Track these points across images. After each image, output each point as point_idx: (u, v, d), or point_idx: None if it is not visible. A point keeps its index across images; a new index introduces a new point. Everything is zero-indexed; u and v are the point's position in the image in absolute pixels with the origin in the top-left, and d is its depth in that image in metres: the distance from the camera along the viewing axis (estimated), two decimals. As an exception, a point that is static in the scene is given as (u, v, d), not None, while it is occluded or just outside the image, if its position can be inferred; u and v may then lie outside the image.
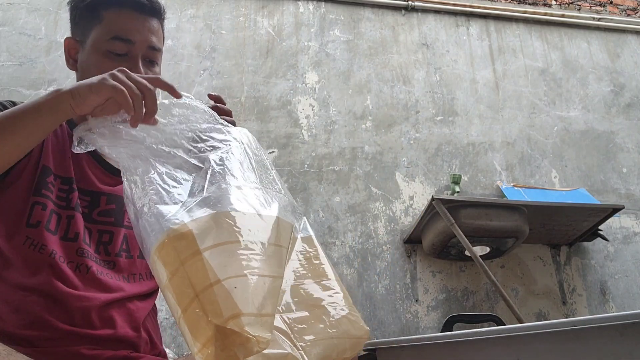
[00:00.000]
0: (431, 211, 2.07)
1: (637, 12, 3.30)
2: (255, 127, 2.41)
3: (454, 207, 2.00)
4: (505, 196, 2.38)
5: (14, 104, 0.80)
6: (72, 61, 0.89)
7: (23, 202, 0.78)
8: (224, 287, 0.49)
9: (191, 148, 0.67)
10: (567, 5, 3.20)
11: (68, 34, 0.94)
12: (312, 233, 0.70)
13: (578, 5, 3.22)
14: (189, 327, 0.49)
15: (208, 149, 0.66)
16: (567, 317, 2.18)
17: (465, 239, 1.92)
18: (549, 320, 0.62)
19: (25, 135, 0.66)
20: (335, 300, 0.63)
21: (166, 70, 2.42)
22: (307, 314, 0.59)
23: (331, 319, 0.60)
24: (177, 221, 0.54)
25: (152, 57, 0.90)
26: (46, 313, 0.73)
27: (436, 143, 2.57)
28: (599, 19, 3.13)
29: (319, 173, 2.37)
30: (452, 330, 1.78)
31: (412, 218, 2.35)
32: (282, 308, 0.57)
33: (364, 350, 0.98)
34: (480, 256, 1.99)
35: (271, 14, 2.70)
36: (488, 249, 2.16)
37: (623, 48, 3.11)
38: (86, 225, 0.83)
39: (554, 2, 3.18)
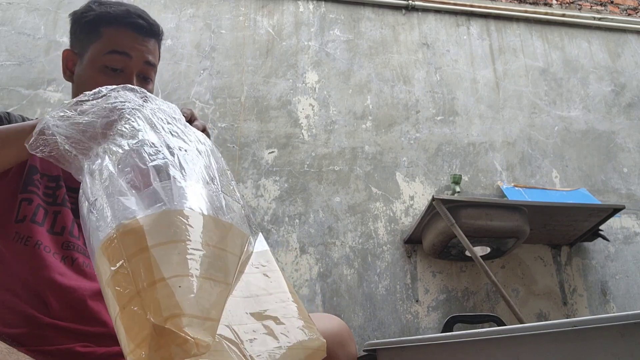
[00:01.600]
0: (431, 211, 2.07)
1: (638, 12, 3.30)
2: (255, 127, 2.41)
3: (455, 207, 2.00)
4: (505, 196, 2.37)
5: (8, 115, 0.85)
6: (69, 72, 0.92)
7: (11, 200, 0.80)
8: (167, 285, 0.46)
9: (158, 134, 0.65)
10: (567, 4, 3.20)
11: (67, 33, 0.97)
12: (267, 248, 0.69)
13: (579, 4, 3.21)
14: (125, 326, 0.46)
15: (173, 142, 0.64)
16: (567, 318, 2.18)
17: (466, 239, 1.92)
18: (550, 320, 0.62)
19: (11, 151, 0.72)
20: (290, 311, 0.60)
21: (166, 70, 2.42)
22: (259, 325, 0.56)
23: (285, 330, 0.58)
24: (129, 216, 0.51)
25: (146, 73, 0.92)
26: (31, 308, 0.73)
27: (436, 143, 2.57)
28: (599, 19, 3.13)
29: (319, 173, 2.37)
30: (452, 331, 1.78)
31: (412, 218, 2.35)
32: (233, 319, 0.54)
33: (365, 350, 0.97)
34: (480, 256, 1.98)
35: (271, 13, 2.69)
36: (488, 249, 2.15)
37: (624, 48, 3.11)
38: (76, 220, 0.84)
39: (554, 2, 3.17)
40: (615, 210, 2.18)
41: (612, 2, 3.27)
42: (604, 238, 2.37)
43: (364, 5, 2.84)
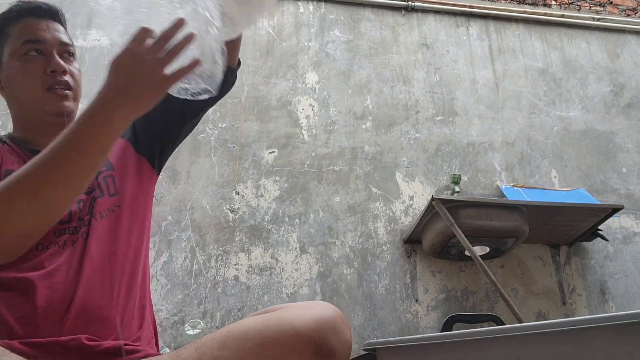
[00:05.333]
0: (431, 211, 2.07)
1: (636, 12, 3.30)
2: (255, 127, 2.41)
3: (454, 207, 2.00)
4: (505, 196, 2.38)
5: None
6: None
7: None
8: None
9: None
10: (566, 5, 3.20)
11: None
12: None
13: (578, 5, 3.22)
14: None
15: None
16: (566, 317, 2.18)
17: (465, 239, 1.92)
18: (549, 320, 0.62)
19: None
20: None
21: (166, 70, 2.42)
22: None
23: None
24: None
25: (67, 51, 0.95)
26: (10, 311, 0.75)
27: (436, 143, 2.57)
28: (598, 19, 3.13)
29: (319, 173, 2.37)
30: (452, 330, 1.79)
31: (412, 218, 2.35)
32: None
33: (364, 349, 0.98)
34: (480, 256, 1.99)
35: (271, 14, 2.70)
36: (488, 249, 2.16)
37: (623, 48, 3.11)
38: None
39: (553, 2, 3.18)
40: (614, 210, 2.19)
41: (611, 3, 3.27)
42: (603, 238, 2.37)
43: (364, 6, 2.84)
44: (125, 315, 0.84)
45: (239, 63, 1.03)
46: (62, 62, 0.91)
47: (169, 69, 0.69)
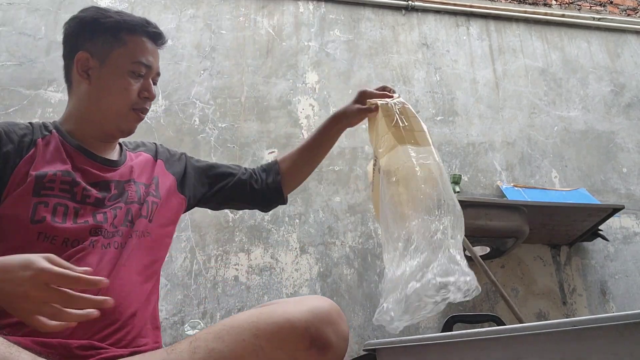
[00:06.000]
0: (431, 211, 2.07)
1: (637, 12, 3.30)
2: (255, 127, 2.41)
3: (454, 207, 2.00)
4: (505, 196, 2.38)
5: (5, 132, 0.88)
6: (85, 74, 0.96)
7: (26, 204, 0.82)
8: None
9: None
10: (567, 5, 3.20)
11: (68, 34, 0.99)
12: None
13: (578, 5, 3.22)
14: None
15: None
16: (567, 317, 2.18)
17: (466, 239, 1.92)
18: (549, 320, 0.62)
19: None
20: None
21: (166, 71, 2.42)
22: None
23: None
24: None
25: (155, 81, 1.03)
26: None
27: (436, 143, 2.55)
28: (599, 19, 3.13)
29: (319, 173, 2.37)
30: (452, 331, 1.78)
31: (412, 218, 2.35)
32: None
33: (364, 350, 0.98)
34: (480, 256, 1.99)
35: (271, 14, 2.70)
36: (488, 249, 2.16)
37: (623, 48, 3.11)
38: (96, 212, 0.89)
39: (554, 2, 3.18)
40: (614, 210, 2.18)
41: (611, 3, 3.27)
42: (604, 238, 2.37)
43: (364, 6, 2.84)
44: (142, 332, 0.87)
45: (285, 200, 1.31)
46: (154, 91, 1.00)
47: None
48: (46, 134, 0.93)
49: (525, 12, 3.03)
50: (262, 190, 1.27)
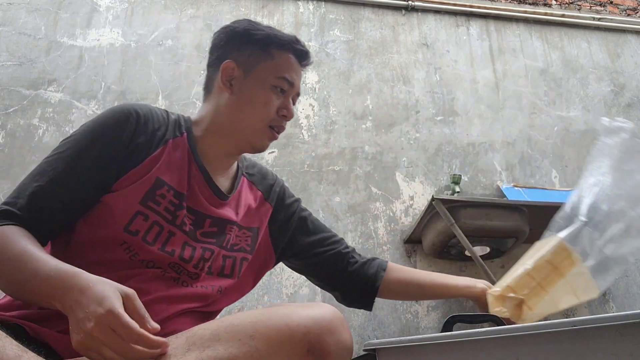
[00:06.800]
0: (431, 211, 2.07)
1: (637, 12, 3.30)
2: (255, 127, 2.41)
3: (454, 207, 2.00)
4: (505, 196, 2.38)
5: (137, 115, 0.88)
6: (228, 83, 0.96)
7: (129, 208, 0.82)
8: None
9: None
10: (567, 5, 3.20)
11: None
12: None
13: (578, 5, 3.22)
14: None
15: None
16: (567, 317, 2.17)
17: (466, 239, 1.92)
18: (549, 320, 0.62)
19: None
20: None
21: (166, 71, 2.42)
22: None
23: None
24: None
25: (295, 101, 1.02)
26: None
27: (436, 143, 2.57)
28: (599, 19, 3.13)
29: (319, 173, 2.37)
30: (452, 331, 1.78)
31: (412, 218, 2.35)
32: None
33: (364, 350, 0.98)
34: (480, 256, 1.99)
35: (271, 14, 2.70)
36: (488, 249, 2.16)
37: (623, 48, 3.11)
38: (187, 242, 0.88)
39: (554, 2, 3.18)
40: (614, 210, 2.18)
41: (611, 3, 3.27)
42: (604, 238, 2.37)
43: (364, 6, 2.84)
44: None
45: (371, 306, 1.16)
46: (292, 109, 0.98)
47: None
48: (177, 135, 0.92)
49: (525, 12, 3.03)
50: (357, 275, 1.12)
